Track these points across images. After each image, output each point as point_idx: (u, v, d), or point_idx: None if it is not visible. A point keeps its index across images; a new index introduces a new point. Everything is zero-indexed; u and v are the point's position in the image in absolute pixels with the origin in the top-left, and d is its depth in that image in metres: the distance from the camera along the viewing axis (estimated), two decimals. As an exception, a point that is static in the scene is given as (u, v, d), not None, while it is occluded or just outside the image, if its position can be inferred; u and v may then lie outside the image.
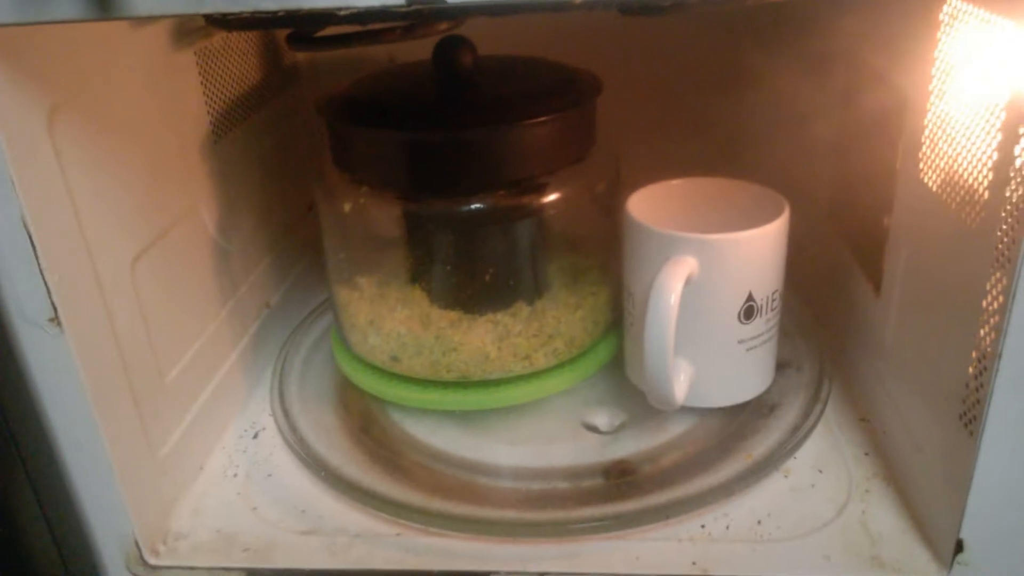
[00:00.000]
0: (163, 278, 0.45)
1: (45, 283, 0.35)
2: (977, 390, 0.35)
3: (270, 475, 0.48)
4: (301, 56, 0.68)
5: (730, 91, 0.72)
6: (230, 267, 0.54)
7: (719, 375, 0.47)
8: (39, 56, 0.35)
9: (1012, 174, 0.32)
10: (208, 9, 0.28)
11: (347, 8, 0.28)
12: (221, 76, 0.54)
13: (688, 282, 0.43)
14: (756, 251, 0.45)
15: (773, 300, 0.46)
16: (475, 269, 0.48)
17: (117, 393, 0.40)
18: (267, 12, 0.28)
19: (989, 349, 0.34)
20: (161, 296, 0.44)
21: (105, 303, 0.39)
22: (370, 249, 0.51)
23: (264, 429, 0.52)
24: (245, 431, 0.52)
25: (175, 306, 0.46)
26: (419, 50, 0.48)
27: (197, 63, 0.50)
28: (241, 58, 0.58)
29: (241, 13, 0.28)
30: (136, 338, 0.42)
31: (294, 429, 0.50)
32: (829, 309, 0.56)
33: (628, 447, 0.48)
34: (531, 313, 0.49)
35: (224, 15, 0.29)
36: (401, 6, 0.28)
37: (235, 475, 0.48)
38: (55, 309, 0.35)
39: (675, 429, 0.49)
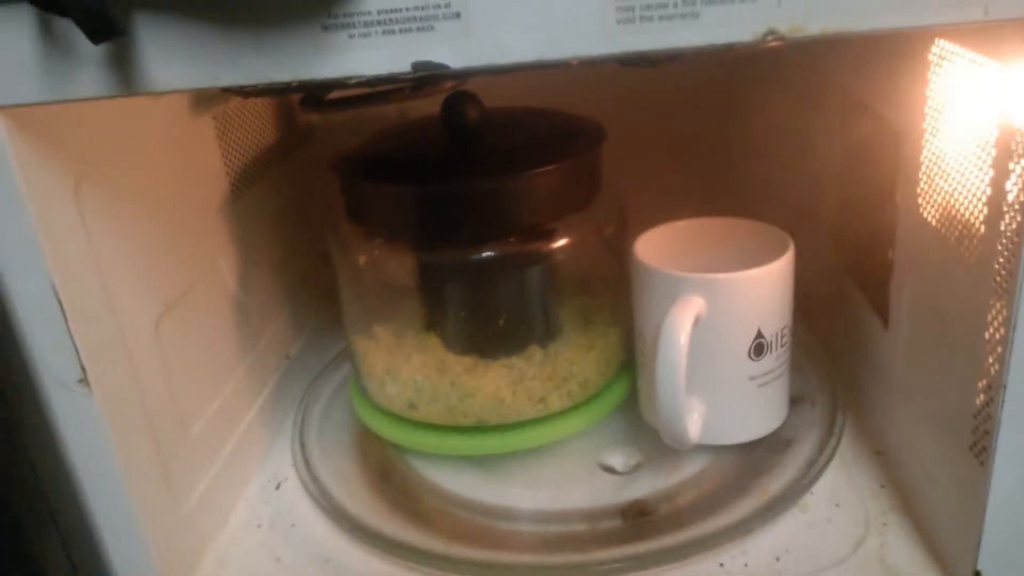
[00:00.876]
0: (186, 335, 0.46)
1: (74, 346, 0.36)
2: (986, 420, 0.35)
3: (293, 525, 0.49)
4: (315, 115, 0.70)
5: (730, 131, 0.74)
6: (250, 320, 0.55)
7: (732, 412, 0.48)
8: (64, 130, 0.36)
9: (1005, 208, 0.33)
10: (225, 83, 0.30)
11: (356, 77, 0.29)
12: (238, 138, 0.56)
13: (696, 321, 0.44)
14: (762, 289, 0.45)
15: (783, 336, 0.47)
16: (488, 315, 0.49)
17: (142, 450, 0.41)
18: (281, 83, 0.30)
19: (994, 379, 0.34)
20: (184, 353, 0.46)
21: (131, 363, 0.40)
22: (385, 299, 0.52)
23: (287, 479, 0.52)
24: (268, 482, 0.52)
25: (198, 362, 0.48)
26: (428, 104, 0.49)
27: (215, 127, 0.52)
28: (257, 120, 0.59)
29: (256, 84, 0.30)
30: (160, 396, 0.43)
31: (316, 479, 0.50)
32: (840, 342, 0.56)
33: (645, 487, 0.48)
34: (544, 356, 0.49)
35: (241, 86, 0.31)
36: (407, 73, 0.29)
37: (259, 526, 0.49)
38: (84, 371, 0.37)
39: (691, 468, 0.49)
